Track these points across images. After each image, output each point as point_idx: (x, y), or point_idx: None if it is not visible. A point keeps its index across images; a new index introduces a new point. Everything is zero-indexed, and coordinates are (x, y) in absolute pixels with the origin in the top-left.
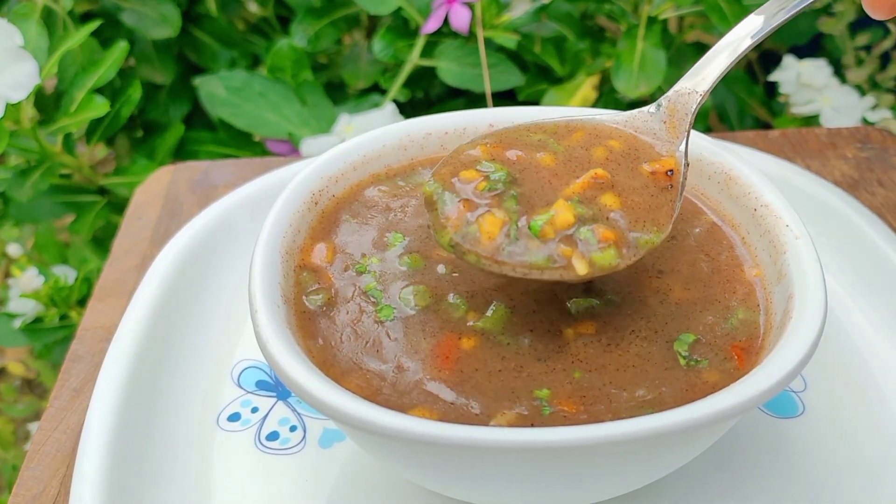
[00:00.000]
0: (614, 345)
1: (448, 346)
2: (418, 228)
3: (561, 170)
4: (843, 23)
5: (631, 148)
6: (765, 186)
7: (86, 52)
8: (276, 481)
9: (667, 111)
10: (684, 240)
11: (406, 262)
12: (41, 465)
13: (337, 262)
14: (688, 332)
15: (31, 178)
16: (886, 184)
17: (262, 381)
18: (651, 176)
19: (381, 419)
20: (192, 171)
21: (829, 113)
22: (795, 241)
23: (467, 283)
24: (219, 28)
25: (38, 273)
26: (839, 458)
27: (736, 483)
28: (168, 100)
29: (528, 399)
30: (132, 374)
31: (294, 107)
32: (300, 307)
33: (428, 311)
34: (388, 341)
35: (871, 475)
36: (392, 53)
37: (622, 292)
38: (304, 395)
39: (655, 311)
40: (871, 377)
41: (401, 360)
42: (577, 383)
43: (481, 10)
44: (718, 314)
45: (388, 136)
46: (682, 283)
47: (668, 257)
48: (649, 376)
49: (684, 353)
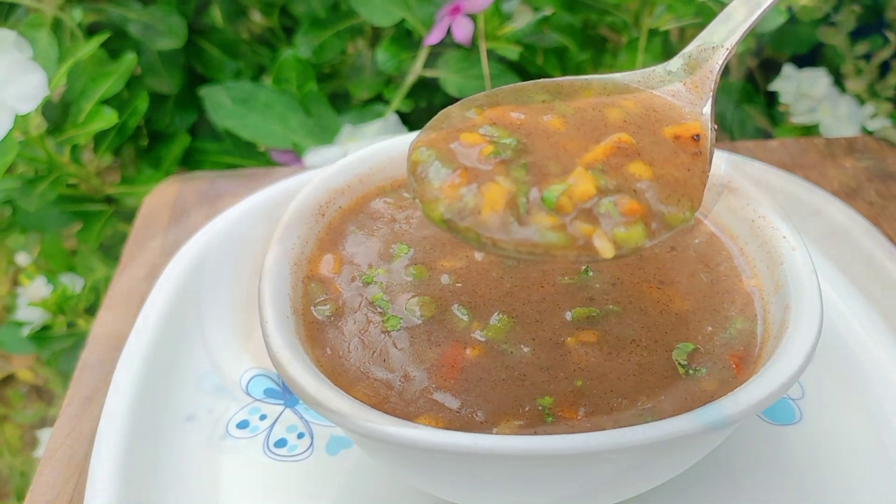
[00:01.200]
0: (615, 353)
1: (453, 356)
2: (423, 240)
3: (574, 134)
4: (843, 32)
5: (649, 109)
6: (762, 198)
7: (94, 63)
8: (284, 488)
9: (687, 68)
10: (684, 251)
11: (411, 273)
12: (54, 473)
13: (344, 273)
14: (686, 342)
15: (38, 187)
16: (884, 193)
17: (271, 388)
18: (676, 141)
19: (388, 427)
20: (199, 181)
21: (828, 122)
22: (792, 252)
23: (470, 293)
24: (224, 39)
25: (46, 282)
26: (836, 464)
27: (734, 489)
28: (174, 110)
29: (531, 407)
30: (143, 383)
31: (299, 117)
32: (309, 318)
33: (433, 321)
34: (394, 351)
35: (868, 482)
36: (395, 64)
37: (623, 302)
38: (314, 404)
39: (655, 320)
40: (868, 384)
41: (407, 370)
42: (578, 391)
43: (484, 21)
44: (717, 324)
45: (392, 149)
46: (681, 294)
47: (669, 268)
48: (649, 384)
49: (683, 361)
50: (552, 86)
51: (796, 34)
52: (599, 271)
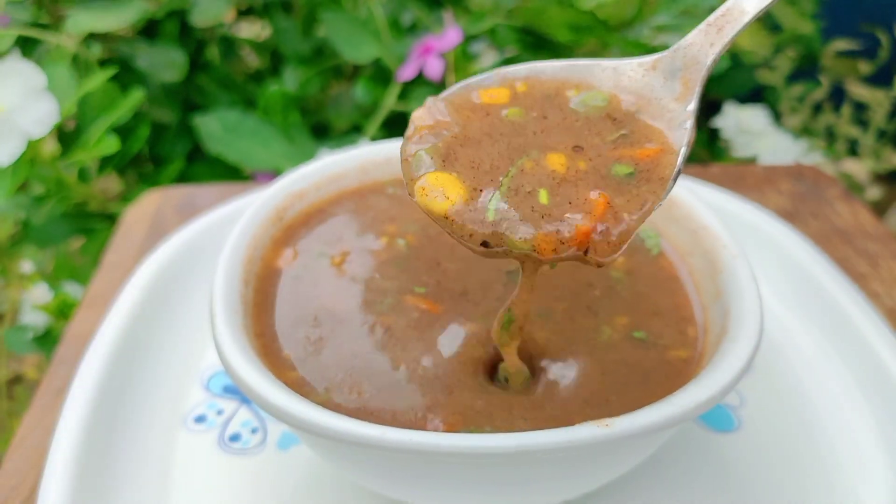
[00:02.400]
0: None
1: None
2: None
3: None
4: (780, 75)
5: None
6: (703, 209)
7: (106, 95)
8: (236, 480)
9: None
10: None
11: (365, 267)
12: (21, 459)
13: (297, 267)
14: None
15: (47, 204)
16: (819, 215)
17: (230, 385)
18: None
19: (315, 417)
20: (179, 194)
21: (766, 156)
22: (733, 260)
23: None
24: (220, 75)
25: (47, 288)
26: (773, 472)
27: (672, 496)
28: (174, 138)
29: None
30: (106, 377)
31: (281, 144)
32: (259, 312)
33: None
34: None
35: (804, 490)
36: (371, 98)
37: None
38: (246, 390)
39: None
40: (806, 395)
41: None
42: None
43: (454, 59)
44: (662, 328)
45: (349, 160)
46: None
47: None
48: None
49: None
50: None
51: (737, 77)
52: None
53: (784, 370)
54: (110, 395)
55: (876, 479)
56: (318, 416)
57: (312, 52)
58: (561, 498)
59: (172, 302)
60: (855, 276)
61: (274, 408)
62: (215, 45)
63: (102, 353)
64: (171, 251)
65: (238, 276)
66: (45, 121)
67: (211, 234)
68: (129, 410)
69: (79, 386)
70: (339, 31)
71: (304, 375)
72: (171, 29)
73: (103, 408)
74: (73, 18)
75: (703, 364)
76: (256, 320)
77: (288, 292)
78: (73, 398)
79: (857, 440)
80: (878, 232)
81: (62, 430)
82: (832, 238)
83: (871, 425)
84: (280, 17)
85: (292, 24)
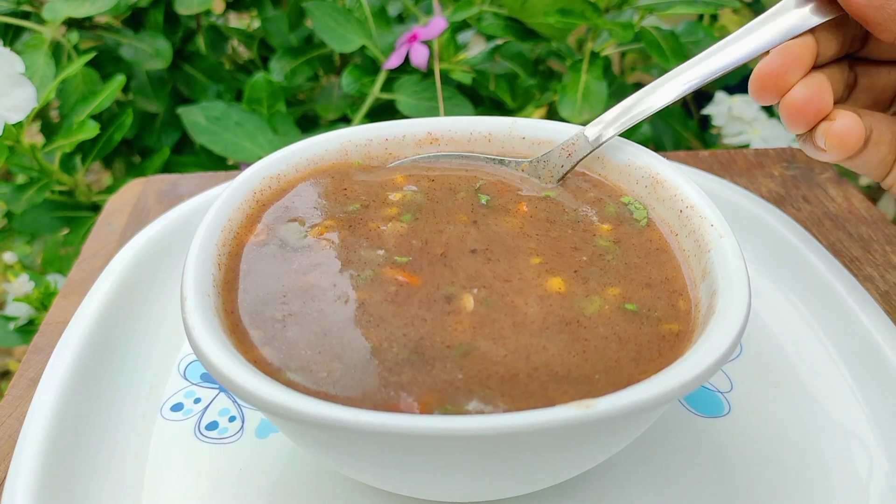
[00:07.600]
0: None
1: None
2: (354, 214)
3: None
4: None
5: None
6: (690, 188)
7: (87, 83)
8: (212, 470)
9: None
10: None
11: (339, 246)
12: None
13: (270, 246)
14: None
15: (27, 192)
16: (811, 200)
17: (207, 373)
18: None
19: (284, 399)
20: (161, 182)
21: (757, 143)
22: (720, 239)
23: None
24: (208, 65)
25: (28, 279)
26: (764, 456)
27: (661, 478)
28: (161, 128)
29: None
30: (79, 364)
31: (267, 135)
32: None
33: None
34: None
35: (795, 474)
36: (358, 87)
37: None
38: (212, 370)
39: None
40: (797, 378)
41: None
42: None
43: (440, 48)
44: (654, 301)
45: (329, 142)
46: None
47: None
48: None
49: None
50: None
51: None
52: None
53: (775, 354)
54: (83, 383)
55: (869, 462)
56: (286, 398)
57: (300, 43)
58: (547, 483)
59: (150, 289)
60: (848, 260)
61: (241, 390)
62: (203, 35)
63: (75, 341)
64: (149, 238)
65: (211, 258)
66: (23, 107)
67: (190, 221)
68: (103, 399)
69: (50, 374)
70: (325, 21)
71: (271, 354)
72: (156, 17)
73: (75, 396)
74: (50, 5)
75: (693, 340)
76: (227, 299)
77: (260, 269)
78: (44, 386)
79: (850, 424)
80: (870, 215)
81: (31, 418)
82: (824, 222)
83: (864, 408)
84: (268, 7)
85: (280, 14)
